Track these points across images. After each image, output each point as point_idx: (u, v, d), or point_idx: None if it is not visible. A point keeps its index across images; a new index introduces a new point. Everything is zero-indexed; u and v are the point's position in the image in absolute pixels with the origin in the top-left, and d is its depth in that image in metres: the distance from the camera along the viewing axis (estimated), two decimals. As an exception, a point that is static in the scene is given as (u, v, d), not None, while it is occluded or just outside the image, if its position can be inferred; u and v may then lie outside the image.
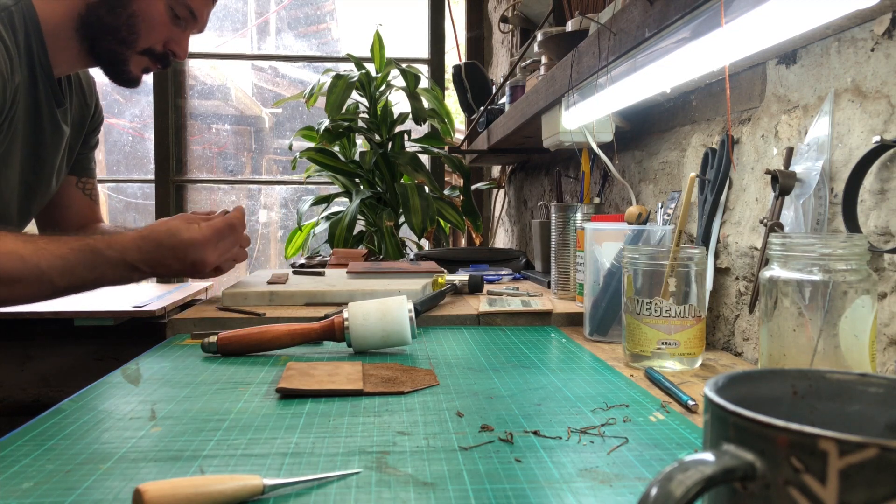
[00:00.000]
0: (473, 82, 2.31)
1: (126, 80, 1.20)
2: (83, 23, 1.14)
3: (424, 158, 2.71)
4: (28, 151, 1.16)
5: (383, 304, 0.91)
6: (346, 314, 0.91)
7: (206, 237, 1.11)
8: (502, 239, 2.90)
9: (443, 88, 3.10)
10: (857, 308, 0.61)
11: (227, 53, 3.26)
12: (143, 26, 1.15)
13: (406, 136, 2.61)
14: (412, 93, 2.50)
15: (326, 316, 1.09)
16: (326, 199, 2.68)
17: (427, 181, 2.45)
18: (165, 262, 1.08)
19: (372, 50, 2.63)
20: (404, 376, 0.78)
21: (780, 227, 0.81)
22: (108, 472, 0.52)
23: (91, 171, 1.44)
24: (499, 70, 2.82)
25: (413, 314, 0.91)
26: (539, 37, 1.33)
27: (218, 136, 3.25)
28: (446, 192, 2.69)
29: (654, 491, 0.28)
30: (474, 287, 1.34)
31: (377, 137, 2.58)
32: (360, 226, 2.51)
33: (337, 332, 0.91)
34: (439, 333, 1.05)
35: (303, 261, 1.87)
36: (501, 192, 2.85)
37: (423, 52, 3.19)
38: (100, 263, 1.03)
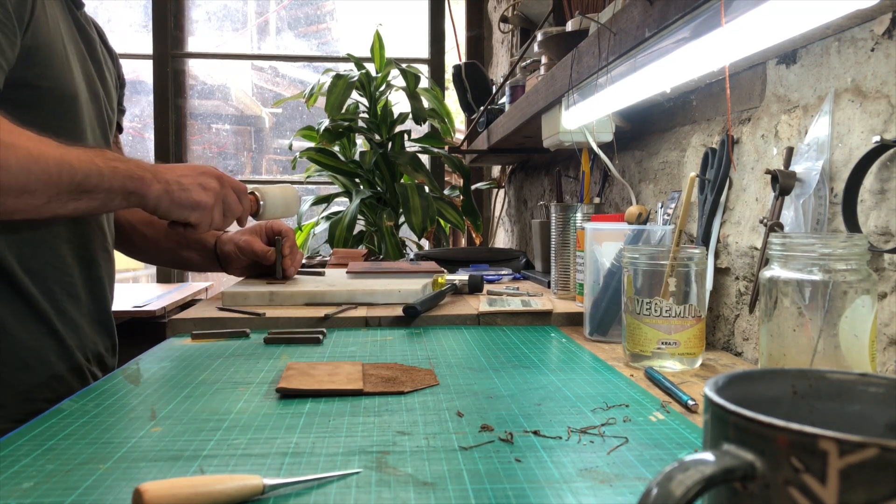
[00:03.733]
0: (473, 82, 2.31)
1: None
2: None
3: (424, 158, 2.71)
4: (79, 55, 1.05)
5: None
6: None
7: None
8: (502, 239, 2.90)
9: (443, 88, 3.10)
10: (857, 308, 0.61)
11: (227, 53, 3.26)
12: None
13: (406, 136, 2.61)
14: (412, 93, 2.50)
15: (326, 316, 1.09)
16: (326, 199, 2.68)
17: (427, 181, 2.45)
18: (175, 169, 1.03)
19: (372, 50, 2.63)
20: (404, 376, 0.78)
21: (780, 226, 0.81)
22: (108, 472, 0.52)
23: (121, 126, 1.37)
24: (499, 70, 2.82)
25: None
26: (539, 37, 1.33)
27: (218, 135, 3.25)
28: (446, 192, 2.69)
29: (654, 491, 0.28)
30: (474, 287, 1.34)
31: (377, 137, 2.58)
32: (360, 226, 2.52)
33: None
34: (439, 333, 1.05)
35: (303, 261, 1.87)
36: (501, 192, 2.85)
37: (423, 52, 3.19)
38: (110, 157, 0.96)
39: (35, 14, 0.93)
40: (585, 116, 1.22)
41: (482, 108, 2.10)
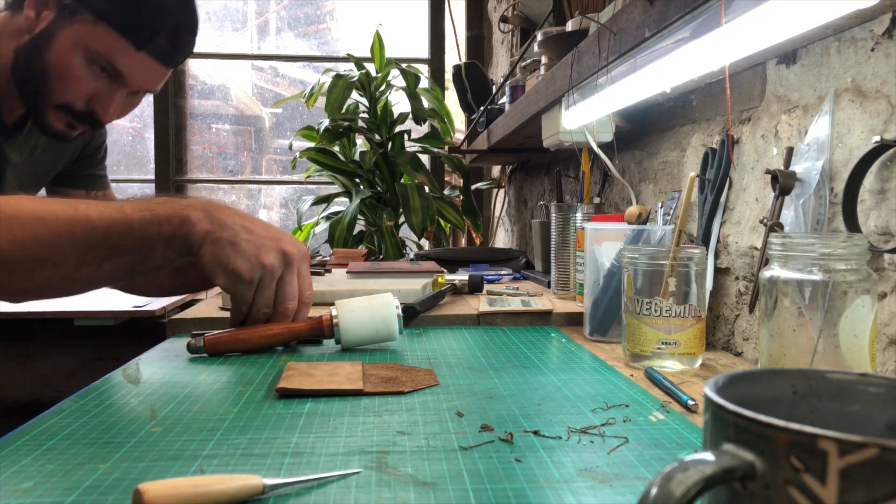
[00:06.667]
0: (473, 82, 2.31)
1: (50, 133, 1.09)
2: (12, 67, 1.07)
3: (424, 158, 2.71)
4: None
5: (371, 301, 0.93)
6: (333, 311, 0.91)
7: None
8: (502, 239, 2.90)
9: (443, 88, 3.10)
10: (857, 308, 0.61)
11: (227, 53, 3.26)
12: (55, 78, 1.05)
13: (406, 136, 2.61)
14: (412, 93, 2.50)
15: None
16: (326, 199, 2.68)
17: (427, 181, 2.45)
18: (244, 218, 0.88)
19: (372, 50, 2.63)
20: (404, 376, 0.78)
21: (780, 226, 0.81)
22: (108, 472, 0.52)
23: (103, 183, 1.37)
24: (499, 70, 2.82)
25: (400, 309, 0.93)
26: (539, 37, 1.33)
27: (218, 135, 3.25)
28: (446, 191, 2.69)
29: (654, 491, 0.28)
30: (474, 287, 1.34)
31: (377, 137, 2.58)
32: (360, 226, 2.52)
33: (325, 330, 0.92)
34: (439, 333, 1.05)
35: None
36: (501, 192, 2.85)
37: (423, 52, 3.19)
38: (152, 203, 0.85)
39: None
40: (585, 116, 1.22)
41: (482, 108, 2.10)
